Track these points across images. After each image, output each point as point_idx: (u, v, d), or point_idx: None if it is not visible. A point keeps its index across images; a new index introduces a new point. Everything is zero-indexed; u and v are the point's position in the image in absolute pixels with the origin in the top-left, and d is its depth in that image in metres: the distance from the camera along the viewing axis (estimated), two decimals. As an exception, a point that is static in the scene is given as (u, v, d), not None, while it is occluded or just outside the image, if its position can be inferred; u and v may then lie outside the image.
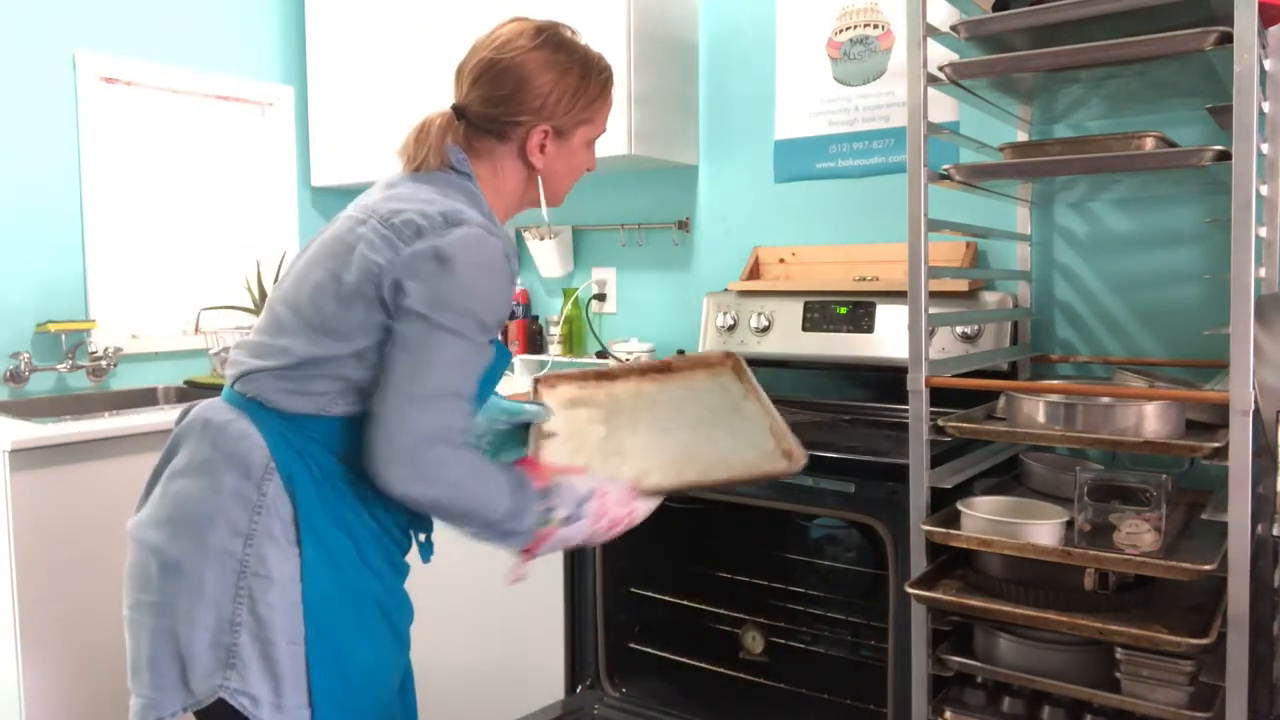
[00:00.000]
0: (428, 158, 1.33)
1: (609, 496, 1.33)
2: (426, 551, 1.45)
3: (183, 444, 1.30)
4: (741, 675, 2.17)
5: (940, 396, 1.65)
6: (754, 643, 2.27)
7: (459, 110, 1.37)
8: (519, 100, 1.33)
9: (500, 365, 1.37)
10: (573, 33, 1.42)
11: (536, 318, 3.11)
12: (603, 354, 2.82)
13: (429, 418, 1.19)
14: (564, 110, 1.36)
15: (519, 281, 3.13)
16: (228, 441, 1.25)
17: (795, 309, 2.44)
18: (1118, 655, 1.46)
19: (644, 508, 1.37)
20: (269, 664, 1.20)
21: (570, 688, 2.23)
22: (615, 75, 1.50)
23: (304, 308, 1.26)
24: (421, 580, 1.69)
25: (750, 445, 1.41)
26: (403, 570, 1.38)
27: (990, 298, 2.21)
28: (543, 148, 1.36)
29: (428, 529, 1.45)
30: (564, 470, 1.37)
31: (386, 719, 1.34)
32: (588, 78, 1.38)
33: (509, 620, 2.39)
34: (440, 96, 1.41)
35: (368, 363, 1.24)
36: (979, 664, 1.59)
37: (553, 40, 1.37)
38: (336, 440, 1.26)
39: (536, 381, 1.68)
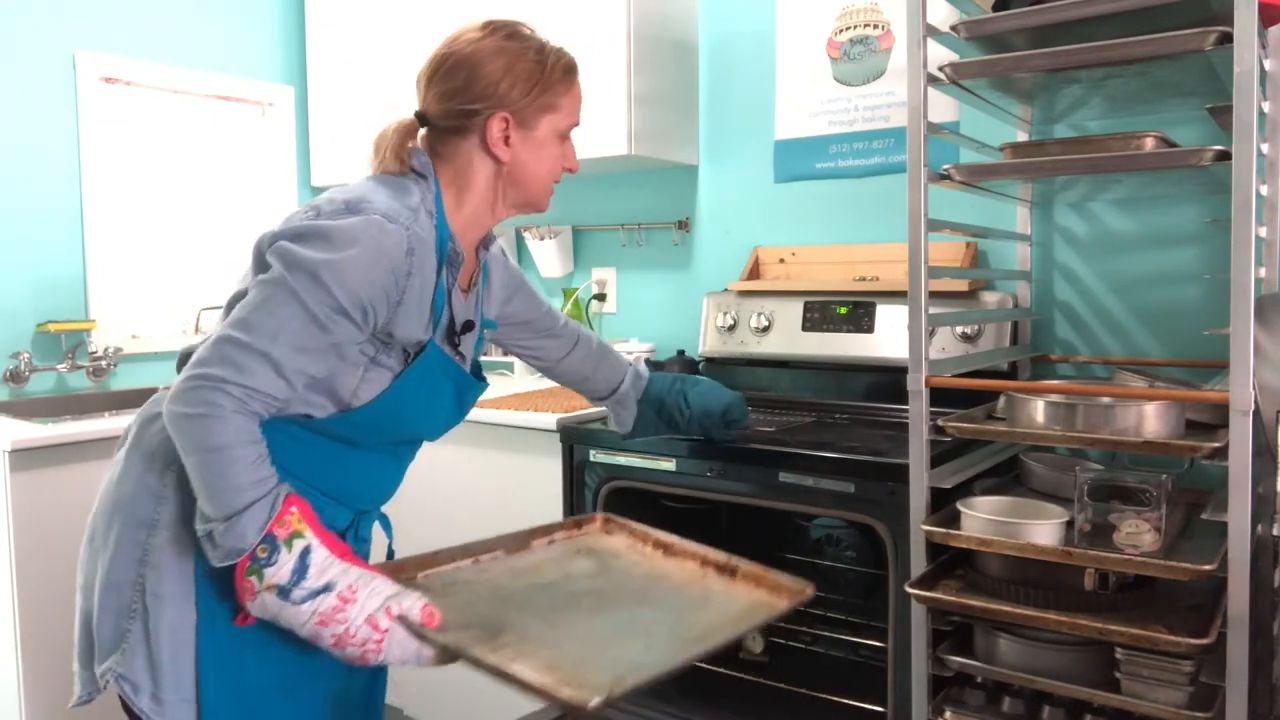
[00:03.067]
0: (385, 161, 1.29)
1: (355, 604, 1.10)
2: (360, 546, 1.37)
3: (133, 433, 1.35)
4: (741, 675, 2.17)
5: (940, 396, 1.65)
6: (754, 643, 2.27)
7: (421, 116, 1.33)
8: (471, 89, 1.29)
9: (449, 386, 1.31)
10: (531, 29, 1.36)
11: (536, 318, 3.11)
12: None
13: (226, 361, 1.11)
14: (521, 95, 1.30)
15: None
16: (148, 432, 1.28)
17: (795, 309, 2.44)
18: (1118, 655, 1.46)
19: (403, 649, 1.10)
20: (149, 652, 1.20)
21: (570, 688, 2.23)
22: (615, 75, 1.47)
23: (233, 299, 1.23)
24: (421, 580, 1.69)
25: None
26: None
27: (990, 298, 2.21)
28: (506, 138, 1.31)
29: (380, 533, 1.41)
30: (358, 562, 1.15)
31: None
32: (544, 62, 1.31)
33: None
34: None
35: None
36: (979, 664, 1.59)
37: (504, 30, 1.32)
38: (278, 443, 1.21)
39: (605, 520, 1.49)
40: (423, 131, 1.33)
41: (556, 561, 1.36)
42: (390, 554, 1.42)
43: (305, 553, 1.11)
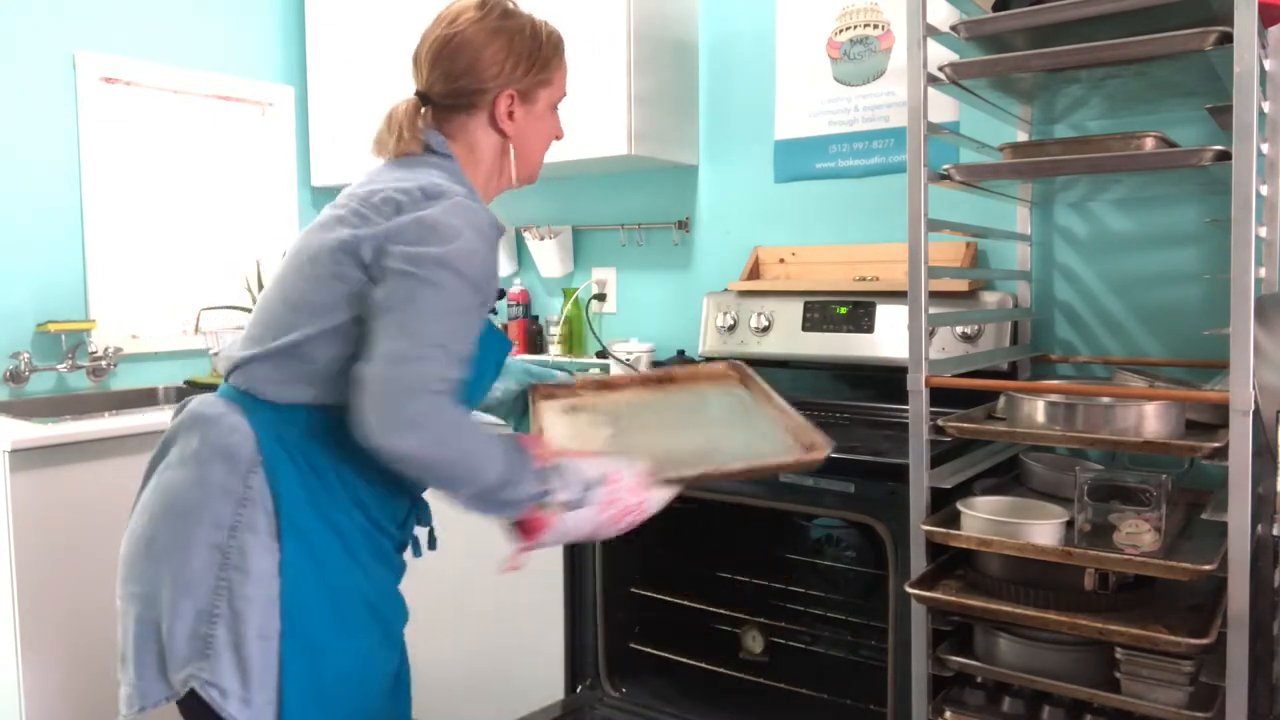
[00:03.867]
0: (401, 143, 1.35)
1: (621, 483, 1.27)
2: (418, 547, 1.44)
3: (177, 438, 1.31)
4: (741, 675, 2.17)
5: (940, 396, 1.65)
6: (754, 643, 2.27)
7: (423, 96, 1.40)
8: (479, 69, 1.36)
9: (498, 351, 1.37)
10: (515, 4, 1.43)
11: (536, 318, 3.11)
12: (603, 354, 2.82)
13: (411, 368, 1.15)
14: (524, 72, 1.38)
15: (518, 282, 3.13)
16: (218, 434, 1.26)
17: (795, 309, 2.44)
18: (1118, 655, 1.46)
19: (657, 498, 1.31)
20: (239, 658, 1.20)
21: (570, 687, 2.23)
22: (615, 75, 1.51)
23: (288, 293, 1.27)
24: (422, 580, 1.69)
25: (767, 440, 1.39)
26: (398, 568, 1.37)
27: (990, 298, 2.21)
28: (511, 113, 1.39)
29: (427, 521, 1.44)
30: (570, 453, 1.31)
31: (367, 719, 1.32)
32: (539, 39, 1.40)
33: (509, 620, 2.39)
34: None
35: (350, 339, 1.22)
36: (979, 664, 1.59)
37: (497, 9, 1.39)
38: (327, 433, 1.25)
39: (532, 391, 1.61)
40: (423, 110, 1.39)
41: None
42: (432, 541, 1.46)
43: (564, 467, 1.26)
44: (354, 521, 1.27)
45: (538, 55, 1.39)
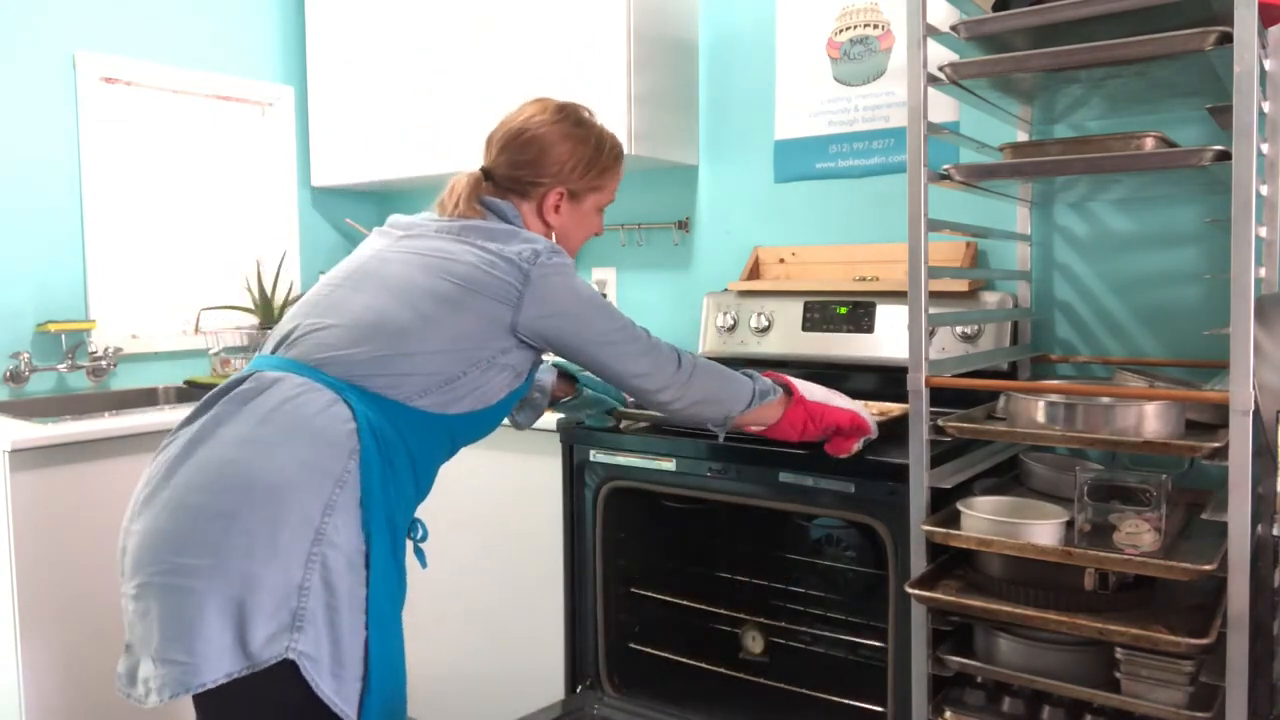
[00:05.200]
0: (461, 207, 1.53)
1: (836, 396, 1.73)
2: (422, 556, 1.52)
3: (238, 414, 1.33)
4: (741, 675, 2.17)
5: (940, 396, 1.65)
6: (754, 643, 2.27)
7: (487, 172, 1.60)
8: (541, 164, 1.57)
9: (519, 391, 1.56)
10: (589, 113, 1.65)
11: (536, 318, 3.11)
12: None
13: (645, 352, 1.53)
14: (578, 176, 1.60)
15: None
16: (320, 415, 1.31)
17: (795, 309, 2.44)
18: (1118, 655, 1.46)
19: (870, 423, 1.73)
20: (333, 630, 1.25)
21: (570, 687, 2.23)
22: (615, 75, 1.61)
23: (419, 306, 1.40)
24: (423, 580, 1.69)
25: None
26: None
27: (990, 298, 2.21)
28: (557, 208, 1.60)
29: (419, 537, 1.51)
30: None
31: (402, 707, 1.40)
32: (601, 150, 1.62)
33: (509, 620, 2.39)
34: (439, 97, 1.44)
35: (463, 359, 1.41)
36: (979, 664, 1.59)
37: (572, 117, 1.61)
38: (413, 431, 1.39)
39: None
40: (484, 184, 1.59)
41: None
42: (420, 554, 1.52)
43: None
44: (403, 518, 1.40)
45: (596, 164, 1.61)
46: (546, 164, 1.57)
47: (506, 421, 1.77)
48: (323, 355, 1.38)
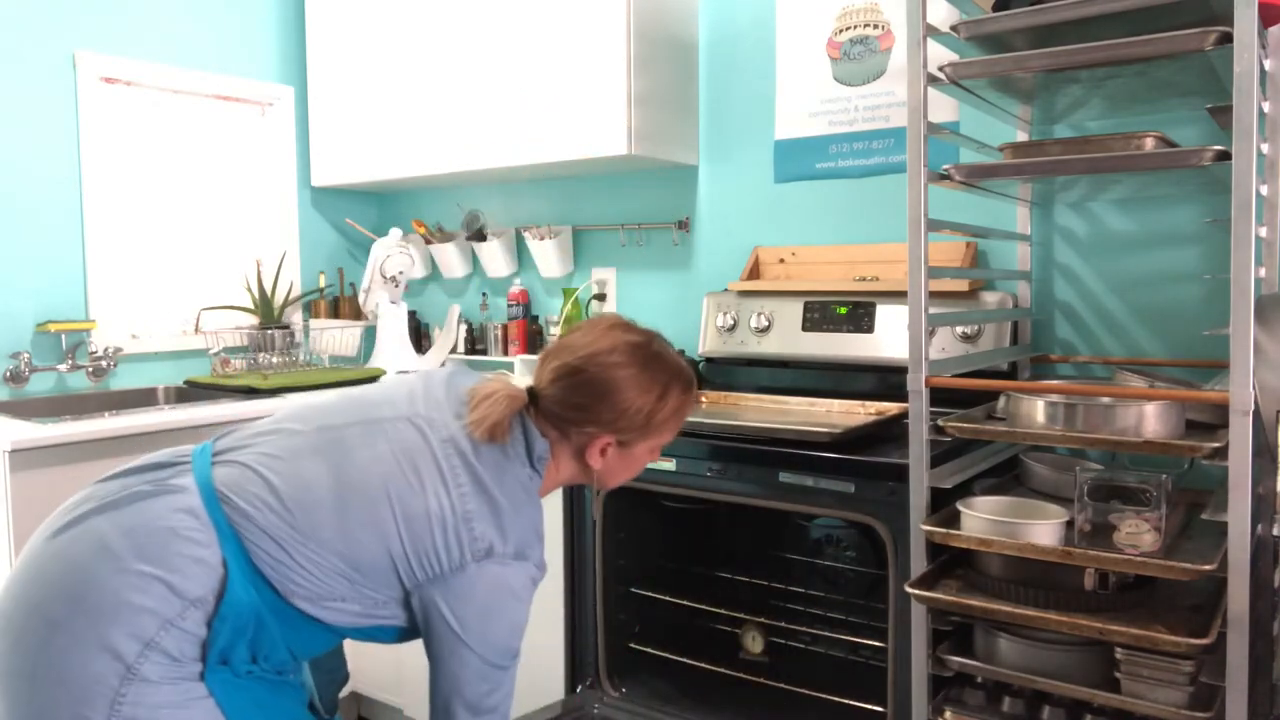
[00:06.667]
0: (490, 430, 1.29)
1: None
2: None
3: (130, 507, 1.22)
4: (741, 675, 2.17)
5: (940, 396, 1.65)
6: (754, 643, 2.27)
7: (533, 394, 1.35)
8: (592, 410, 1.33)
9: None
10: (666, 349, 1.39)
11: (536, 318, 3.11)
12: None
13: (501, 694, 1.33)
14: (634, 427, 1.34)
15: (518, 282, 3.13)
16: (182, 557, 1.18)
17: (795, 309, 2.44)
18: (1118, 655, 1.46)
19: None
20: None
21: (570, 688, 2.23)
22: (615, 75, 1.46)
23: (345, 516, 1.22)
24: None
25: None
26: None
27: (990, 298, 2.21)
28: (604, 453, 1.36)
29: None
30: None
31: None
32: (666, 398, 1.35)
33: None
34: (439, 96, 1.39)
35: (357, 594, 1.23)
36: (979, 664, 1.59)
37: (644, 358, 1.34)
38: (286, 621, 1.23)
39: None
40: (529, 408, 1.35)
41: None
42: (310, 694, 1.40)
43: None
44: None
45: (657, 413, 1.35)
46: (598, 410, 1.32)
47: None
48: (231, 495, 1.22)
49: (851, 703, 2.00)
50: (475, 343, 3.21)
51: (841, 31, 2.52)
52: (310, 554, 1.21)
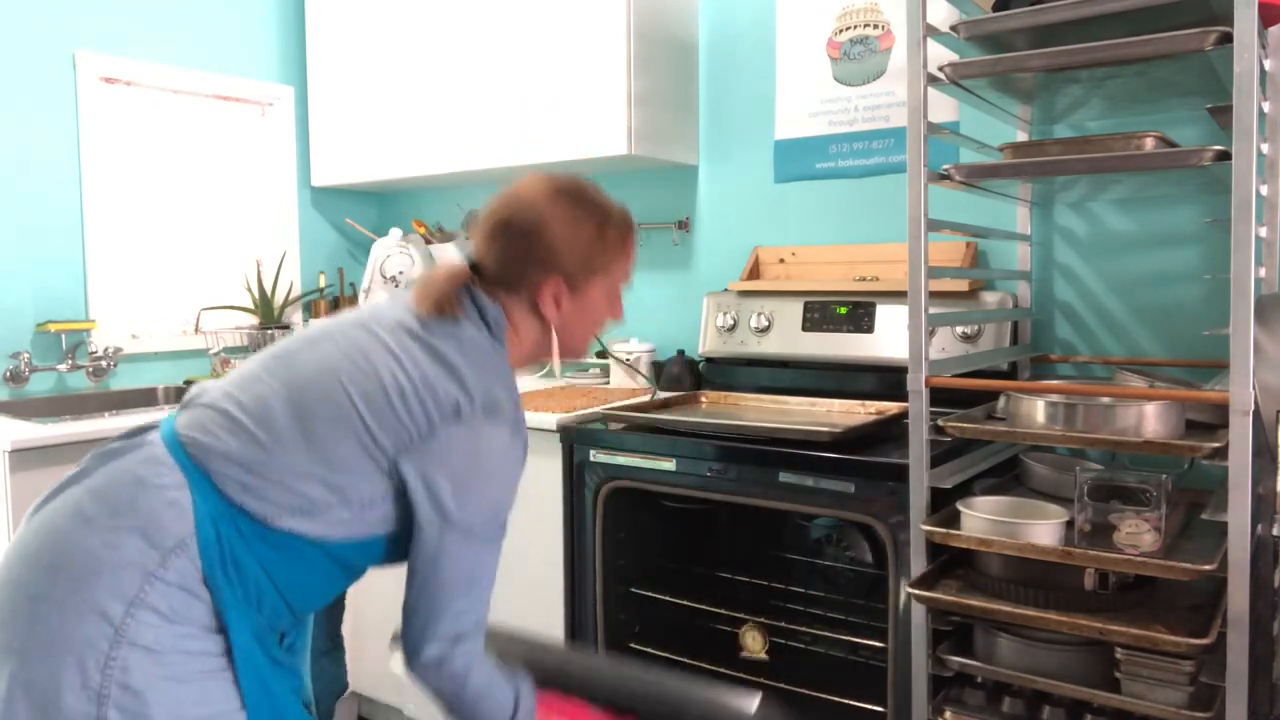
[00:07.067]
0: (441, 306, 1.28)
1: None
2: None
3: (97, 471, 1.23)
4: (742, 675, 2.17)
5: (940, 396, 1.65)
6: (754, 643, 2.27)
7: (474, 265, 1.34)
8: (531, 254, 1.31)
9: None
10: (593, 187, 1.37)
11: (536, 318, 3.11)
12: (603, 354, 2.82)
13: (453, 617, 1.21)
14: (576, 264, 1.32)
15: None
16: (151, 503, 1.17)
17: (795, 309, 2.44)
18: (1118, 655, 1.46)
19: None
20: None
21: (570, 688, 2.23)
22: (615, 74, 1.45)
23: (304, 416, 1.20)
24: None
25: None
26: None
27: (990, 298, 2.21)
28: (557, 302, 1.33)
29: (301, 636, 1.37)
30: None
31: None
32: (604, 233, 1.34)
33: (508, 620, 2.39)
34: (439, 96, 1.40)
35: (340, 496, 1.20)
36: (979, 664, 1.59)
37: (568, 194, 1.33)
38: (269, 553, 1.20)
39: None
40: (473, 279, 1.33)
41: None
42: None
43: None
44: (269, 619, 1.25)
45: (598, 247, 1.33)
46: (537, 252, 1.30)
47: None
48: (196, 432, 1.21)
49: (851, 703, 2.00)
50: (475, 343, 3.21)
51: (841, 31, 2.52)
52: (283, 465, 1.18)
